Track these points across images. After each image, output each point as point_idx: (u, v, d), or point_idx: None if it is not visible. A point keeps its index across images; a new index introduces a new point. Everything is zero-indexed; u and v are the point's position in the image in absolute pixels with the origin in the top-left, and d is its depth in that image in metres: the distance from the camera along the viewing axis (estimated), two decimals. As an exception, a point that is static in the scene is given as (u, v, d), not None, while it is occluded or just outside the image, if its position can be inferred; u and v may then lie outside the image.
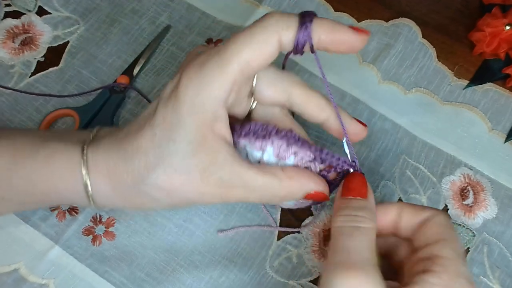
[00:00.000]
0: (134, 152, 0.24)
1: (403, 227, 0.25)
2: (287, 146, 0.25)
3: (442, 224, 0.25)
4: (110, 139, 0.26)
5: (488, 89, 0.39)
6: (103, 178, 0.25)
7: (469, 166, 0.36)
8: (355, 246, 0.22)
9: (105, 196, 0.26)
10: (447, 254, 0.23)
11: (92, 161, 0.25)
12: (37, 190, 0.26)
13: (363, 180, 0.25)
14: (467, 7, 0.42)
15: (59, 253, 0.32)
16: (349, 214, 0.24)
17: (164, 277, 0.32)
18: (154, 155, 0.24)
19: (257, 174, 0.24)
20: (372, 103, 0.38)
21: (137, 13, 0.41)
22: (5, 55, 0.39)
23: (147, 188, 0.24)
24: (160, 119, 0.23)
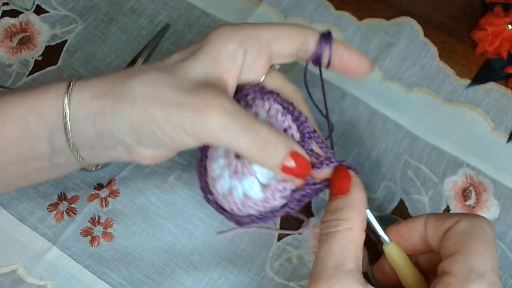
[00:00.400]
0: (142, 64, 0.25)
1: (430, 241, 0.25)
2: (282, 115, 0.25)
3: (462, 232, 0.23)
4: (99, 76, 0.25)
5: (490, 89, 0.38)
6: (87, 96, 0.24)
7: (471, 166, 0.35)
8: (324, 253, 0.23)
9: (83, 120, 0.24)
10: (455, 270, 0.22)
11: (81, 82, 0.25)
12: (16, 115, 0.24)
13: (344, 173, 0.25)
14: (469, 5, 0.42)
15: (57, 254, 0.32)
16: (326, 220, 0.24)
17: (163, 279, 0.31)
18: (160, 64, 0.25)
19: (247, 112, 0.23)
20: (373, 102, 0.38)
21: (135, 12, 0.41)
22: (3, 54, 0.38)
23: (133, 80, 0.23)
24: (184, 49, 0.26)
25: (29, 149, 0.25)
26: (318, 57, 0.26)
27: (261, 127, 0.23)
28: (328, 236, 0.23)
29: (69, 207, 0.33)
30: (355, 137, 0.36)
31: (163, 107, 0.23)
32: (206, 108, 0.22)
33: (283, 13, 0.41)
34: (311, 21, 0.41)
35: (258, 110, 0.26)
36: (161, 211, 0.33)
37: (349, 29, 0.40)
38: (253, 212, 0.26)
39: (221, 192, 0.26)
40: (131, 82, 0.24)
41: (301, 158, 0.24)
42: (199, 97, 0.23)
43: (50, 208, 0.33)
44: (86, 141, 0.25)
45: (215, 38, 0.25)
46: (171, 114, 0.23)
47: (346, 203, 0.24)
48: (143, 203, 0.33)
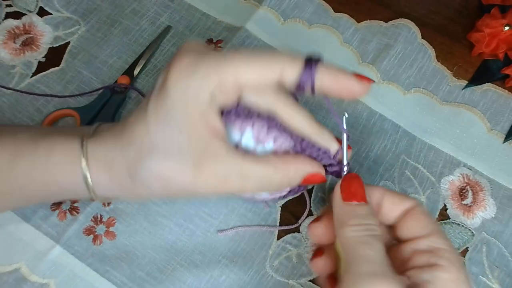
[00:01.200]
0: (130, 143, 0.25)
1: (384, 214, 0.25)
2: (268, 129, 0.25)
3: (427, 214, 0.25)
4: (109, 133, 0.26)
5: (487, 90, 0.39)
6: (102, 169, 0.25)
7: (468, 166, 0.36)
8: (376, 255, 0.22)
9: (104, 187, 0.26)
10: (446, 245, 0.23)
11: (91, 153, 0.25)
12: (37, 183, 0.26)
13: (361, 182, 0.25)
14: (466, 7, 0.42)
15: (60, 252, 0.32)
16: (361, 223, 0.23)
17: (164, 277, 0.32)
18: (148, 146, 0.24)
19: (251, 163, 0.24)
20: (371, 103, 0.38)
21: (137, 14, 0.41)
22: (6, 56, 0.39)
23: (141, 177, 0.25)
24: (152, 112, 0.24)
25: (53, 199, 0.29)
26: (300, 88, 0.24)
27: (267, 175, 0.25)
28: (371, 238, 0.23)
29: (72, 206, 0.34)
30: (354, 137, 0.37)
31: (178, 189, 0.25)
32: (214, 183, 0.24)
33: (282, 15, 0.41)
34: (310, 23, 0.41)
35: (243, 126, 0.25)
36: (162, 210, 0.34)
37: (347, 31, 0.41)
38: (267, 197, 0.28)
39: None
40: (140, 175, 0.25)
41: (316, 176, 0.26)
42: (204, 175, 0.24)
43: (53, 207, 0.33)
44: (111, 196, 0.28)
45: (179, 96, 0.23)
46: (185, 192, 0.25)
47: (372, 211, 0.24)
48: (145, 202, 0.34)
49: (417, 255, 0.24)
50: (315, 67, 0.24)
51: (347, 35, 0.41)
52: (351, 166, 0.26)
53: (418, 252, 0.24)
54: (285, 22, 0.41)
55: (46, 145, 0.26)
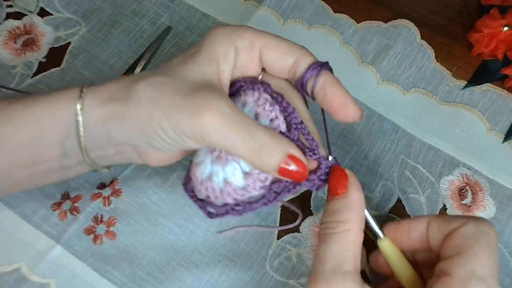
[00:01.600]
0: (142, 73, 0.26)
1: (431, 241, 0.25)
2: (270, 105, 0.25)
3: (466, 235, 0.23)
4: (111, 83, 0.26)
5: (486, 90, 0.39)
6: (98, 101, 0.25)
7: (468, 166, 0.36)
8: (323, 254, 0.23)
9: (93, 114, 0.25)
10: (456, 273, 0.22)
11: (92, 90, 0.25)
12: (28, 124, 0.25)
13: (341, 174, 0.25)
14: (465, 8, 0.42)
15: (60, 252, 0.32)
16: (324, 221, 0.24)
17: (164, 277, 0.32)
18: (161, 68, 0.25)
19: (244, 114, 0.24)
20: (371, 103, 0.38)
21: (137, 15, 0.41)
22: (7, 56, 0.39)
23: (138, 84, 0.24)
24: (184, 53, 0.26)
25: (40, 151, 0.26)
26: (302, 83, 0.25)
27: (257, 130, 0.23)
28: (327, 237, 0.23)
29: (72, 206, 0.34)
30: (353, 137, 0.37)
31: (164, 111, 0.24)
32: (203, 110, 0.23)
33: (282, 16, 0.41)
34: (309, 24, 0.41)
35: (247, 99, 0.26)
36: (162, 210, 0.34)
37: (347, 31, 0.41)
38: (230, 201, 0.25)
39: (200, 178, 0.26)
40: (136, 86, 0.25)
41: (297, 161, 0.24)
42: (197, 100, 0.23)
43: (53, 207, 0.33)
44: (98, 144, 0.26)
45: (210, 39, 0.26)
46: (171, 118, 0.23)
47: (344, 204, 0.24)
48: (145, 202, 0.34)
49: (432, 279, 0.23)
50: (323, 68, 0.25)
51: (346, 35, 0.41)
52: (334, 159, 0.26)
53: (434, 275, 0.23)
54: (285, 23, 0.41)
55: (46, 92, 0.26)
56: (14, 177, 0.27)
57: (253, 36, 0.26)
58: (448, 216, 0.25)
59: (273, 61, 0.26)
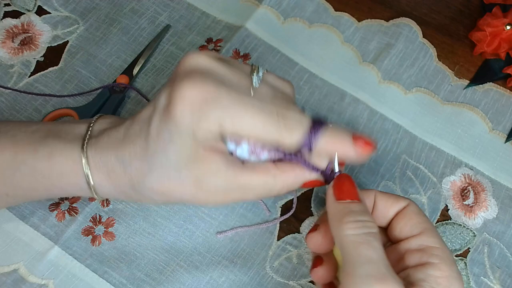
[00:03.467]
0: (131, 158, 0.25)
1: (378, 216, 0.25)
2: (263, 146, 0.25)
3: (419, 213, 0.25)
4: (109, 140, 0.26)
5: (488, 89, 0.38)
6: (103, 175, 0.26)
7: (470, 166, 0.36)
8: (376, 255, 0.22)
9: (106, 190, 0.26)
10: (437, 243, 0.23)
11: (92, 160, 0.26)
12: (40, 186, 0.27)
13: (353, 181, 0.25)
14: (467, 7, 0.42)
15: (59, 253, 0.32)
16: (357, 220, 0.23)
17: (163, 278, 0.31)
18: (148, 163, 0.24)
19: (251, 175, 0.24)
20: (372, 103, 0.38)
21: (136, 13, 0.41)
22: (5, 55, 0.39)
23: (143, 191, 0.25)
24: (154, 132, 0.24)
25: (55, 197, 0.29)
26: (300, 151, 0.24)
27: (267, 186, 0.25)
28: (369, 236, 0.22)
29: (71, 206, 0.33)
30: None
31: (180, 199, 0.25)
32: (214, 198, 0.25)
33: (282, 14, 0.41)
34: (310, 22, 0.41)
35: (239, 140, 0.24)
36: (161, 210, 0.33)
37: (348, 30, 0.41)
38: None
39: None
40: (142, 189, 0.25)
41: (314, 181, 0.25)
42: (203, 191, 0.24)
43: (51, 208, 0.33)
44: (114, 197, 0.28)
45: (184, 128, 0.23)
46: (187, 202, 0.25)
47: (366, 208, 0.24)
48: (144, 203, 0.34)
49: (409, 254, 0.24)
50: (318, 132, 0.23)
51: (347, 34, 0.40)
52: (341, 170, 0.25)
53: (410, 251, 0.24)
54: (285, 21, 0.41)
55: (45, 151, 0.26)
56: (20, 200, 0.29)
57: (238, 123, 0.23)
58: (392, 194, 0.26)
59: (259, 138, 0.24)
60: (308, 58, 0.39)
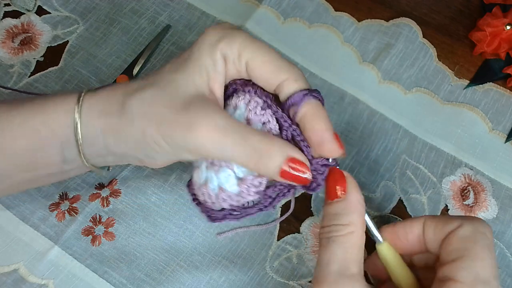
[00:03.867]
0: (135, 80, 0.26)
1: (428, 243, 0.25)
2: (262, 109, 0.25)
3: (464, 237, 0.23)
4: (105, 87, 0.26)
5: (488, 89, 0.38)
6: (95, 109, 0.25)
7: (470, 166, 0.36)
8: (327, 258, 0.23)
9: (91, 128, 0.25)
10: (461, 277, 0.21)
11: (89, 97, 0.25)
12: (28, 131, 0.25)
13: (338, 176, 0.24)
14: (467, 7, 0.42)
15: (59, 253, 0.32)
16: (326, 225, 0.24)
17: (164, 278, 0.32)
18: (152, 79, 0.25)
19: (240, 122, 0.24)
20: (372, 103, 0.38)
21: (136, 13, 0.41)
22: (5, 55, 0.39)
23: (131, 102, 0.24)
24: (175, 58, 0.26)
25: (41, 158, 0.26)
26: (283, 108, 0.25)
27: (253, 137, 0.23)
28: (330, 241, 0.23)
29: (71, 206, 0.33)
30: (354, 137, 0.37)
31: (157, 128, 0.24)
32: (196, 125, 0.23)
33: (282, 14, 0.41)
34: (310, 22, 0.41)
35: (238, 102, 0.25)
36: (161, 210, 0.33)
37: (348, 30, 0.41)
38: (226, 206, 0.26)
39: (197, 183, 0.26)
40: (129, 101, 0.25)
41: (299, 162, 0.23)
42: (189, 114, 0.23)
43: (51, 208, 0.33)
44: (97, 152, 0.26)
45: (199, 46, 0.25)
46: (165, 134, 0.24)
47: (345, 207, 0.24)
48: (144, 203, 0.34)
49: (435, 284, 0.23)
50: (307, 98, 0.24)
51: (347, 34, 0.40)
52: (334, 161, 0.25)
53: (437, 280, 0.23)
54: (285, 21, 0.41)
55: (43, 97, 0.26)
56: (14, 179, 0.27)
57: (241, 46, 0.25)
58: (443, 216, 0.25)
59: (257, 79, 0.25)
60: (308, 58, 0.39)
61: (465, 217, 0.24)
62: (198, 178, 0.26)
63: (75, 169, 0.27)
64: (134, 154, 0.26)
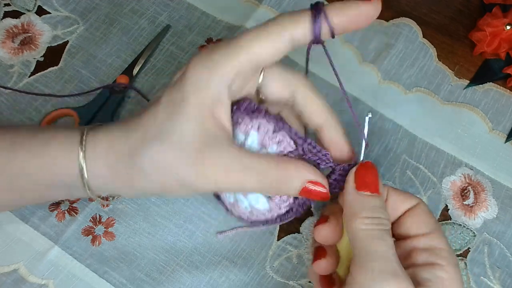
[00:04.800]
0: (135, 127, 0.25)
1: (388, 211, 0.25)
2: (273, 132, 0.25)
3: (428, 213, 0.25)
4: (113, 123, 0.26)
5: (488, 89, 0.39)
6: (100, 157, 0.25)
7: (470, 166, 0.36)
8: (389, 252, 0.22)
9: (100, 178, 0.25)
10: (444, 245, 0.24)
11: (91, 141, 0.25)
12: (33, 173, 0.26)
13: (377, 172, 0.24)
14: (467, 7, 0.42)
15: (59, 253, 0.32)
16: (374, 216, 0.23)
17: (164, 278, 0.32)
18: (153, 130, 0.24)
19: (254, 157, 0.24)
20: (372, 103, 0.38)
21: (136, 13, 0.41)
22: (5, 55, 0.39)
23: (141, 163, 0.24)
24: (165, 99, 0.24)
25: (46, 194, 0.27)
26: (317, 39, 0.24)
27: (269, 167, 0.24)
28: (384, 233, 0.22)
29: (71, 206, 0.33)
30: (354, 137, 0.37)
31: (176, 180, 0.24)
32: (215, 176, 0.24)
33: (283, 14, 0.41)
34: (310, 22, 0.41)
35: (249, 129, 0.25)
36: (161, 210, 0.34)
37: (348, 30, 0.41)
38: (262, 219, 0.28)
39: (227, 202, 0.28)
40: (140, 161, 0.24)
41: (317, 184, 0.24)
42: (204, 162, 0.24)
43: (51, 208, 0.33)
44: (106, 192, 0.28)
45: (193, 81, 0.24)
46: (185, 184, 0.24)
47: (384, 204, 0.24)
48: (144, 203, 0.34)
49: (416, 253, 0.24)
50: (323, 11, 0.23)
51: (347, 34, 0.40)
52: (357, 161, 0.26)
53: (418, 250, 0.24)
54: (285, 21, 0.41)
55: (44, 136, 0.26)
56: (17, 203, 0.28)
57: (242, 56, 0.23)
58: (402, 191, 0.26)
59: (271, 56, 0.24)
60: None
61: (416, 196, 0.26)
62: (228, 197, 0.27)
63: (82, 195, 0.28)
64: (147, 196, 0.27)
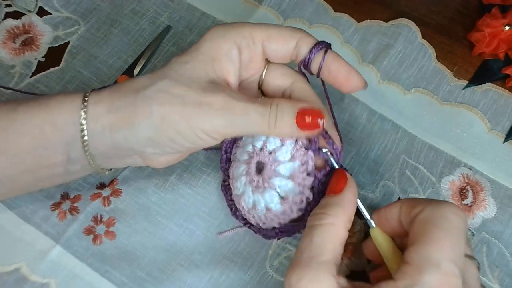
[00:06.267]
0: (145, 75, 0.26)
1: (404, 226, 0.26)
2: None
3: (423, 221, 0.23)
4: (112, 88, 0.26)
5: (487, 89, 0.39)
6: (103, 101, 0.25)
7: (469, 166, 0.36)
8: (306, 245, 0.23)
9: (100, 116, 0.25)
10: (411, 259, 0.22)
11: (95, 93, 0.25)
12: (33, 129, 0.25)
13: (342, 176, 0.26)
14: (466, 7, 0.42)
15: (60, 252, 0.32)
16: (314, 213, 0.25)
17: (164, 277, 0.32)
18: (162, 73, 0.25)
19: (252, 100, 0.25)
20: (371, 103, 0.38)
21: (137, 14, 0.41)
22: (6, 56, 0.39)
23: (147, 91, 0.24)
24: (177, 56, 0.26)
25: (44, 158, 0.26)
26: (306, 63, 0.27)
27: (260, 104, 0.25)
28: (312, 228, 0.24)
29: (72, 206, 0.34)
30: (354, 137, 0.37)
31: (180, 112, 0.24)
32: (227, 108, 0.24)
33: (282, 15, 0.41)
34: (310, 23, 0.41)
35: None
36: (162, 210, 0.34)
37: (347, 30, 0.41)
38: (275, 225, 0.28)
39: (246, 208, 0.29)
40: (144, 92, 0.25)
41: (310, 110, 0.25)
42: (209, 98, 0.24)
43: (53, 207, 0.33)
44: (103, 151, 0.26)
45: (210, 38, 0.26)
46: (189, 118, 0.24)
47: (335, 200, 0.25)
48: (145, 202, 0.34)
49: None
50: (325, 48, 0.27)
51: (347, 34, 0.41)
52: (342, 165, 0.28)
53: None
54: (285, 22, 0.41)
55: (47, 97, 0.26)
56: (17, 181, 0.27)
57: (253, 31, 0.26)
58: (414, 200, 0.25)
59: (276, 50, 0.27)
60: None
61: (431, 201, 0.24)
62: (246, 203, 0.28)
63: (79, 171, 0.27)
64: (142, 149, 0.26)
